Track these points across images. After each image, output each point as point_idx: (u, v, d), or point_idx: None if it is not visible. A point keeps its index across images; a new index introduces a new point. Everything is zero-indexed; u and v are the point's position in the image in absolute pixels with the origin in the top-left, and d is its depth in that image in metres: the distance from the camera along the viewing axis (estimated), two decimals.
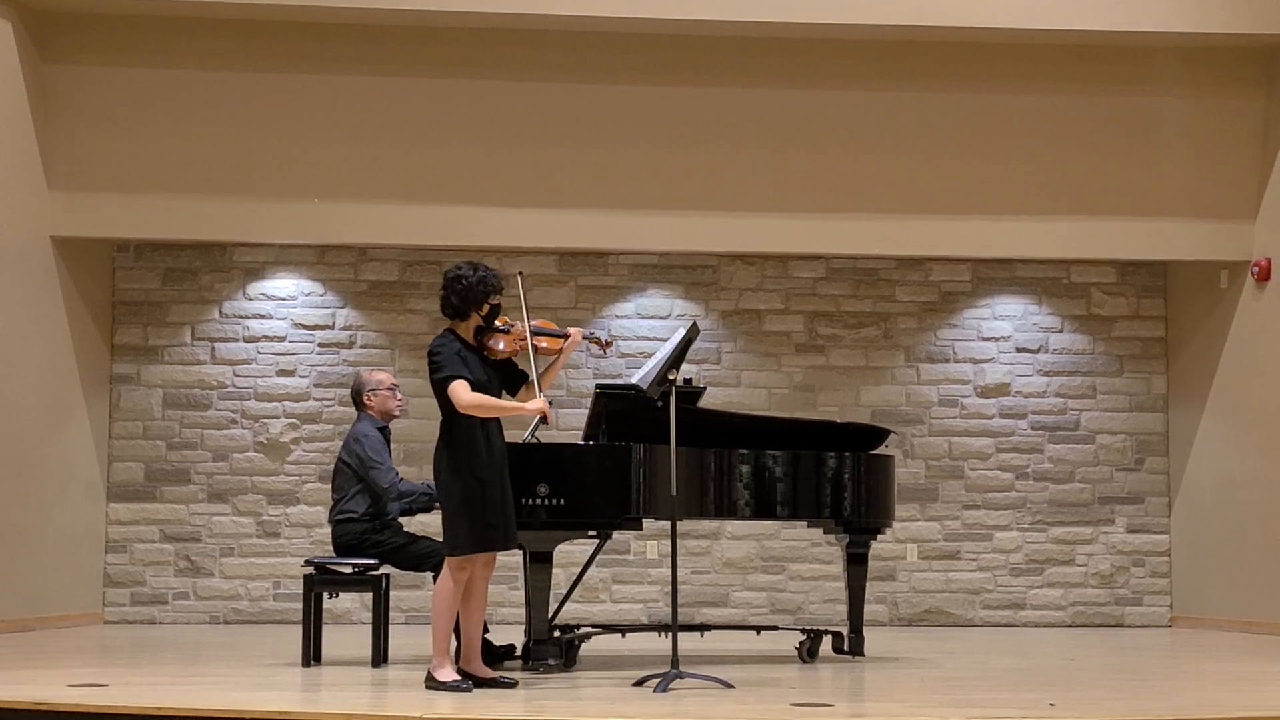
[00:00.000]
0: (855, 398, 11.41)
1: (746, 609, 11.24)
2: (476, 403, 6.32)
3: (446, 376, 6.34)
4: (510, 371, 6.68)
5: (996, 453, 11.48)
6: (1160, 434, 11.58)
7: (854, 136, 10.62)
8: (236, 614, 11.03)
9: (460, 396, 6.30)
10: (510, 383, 6.67)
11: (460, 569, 6.39)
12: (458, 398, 6.30)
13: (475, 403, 6.32)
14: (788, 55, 10.50)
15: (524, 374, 6.69)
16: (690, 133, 10.54)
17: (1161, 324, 11.65)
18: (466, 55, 10.41)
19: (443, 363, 6.37)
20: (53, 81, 10.21)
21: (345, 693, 6.28)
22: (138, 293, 11.19)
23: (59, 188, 10.25)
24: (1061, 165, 10.69)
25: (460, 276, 6.47)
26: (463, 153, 10.44)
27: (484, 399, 6.35)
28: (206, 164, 10.32)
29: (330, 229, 10.52)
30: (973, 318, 11.56)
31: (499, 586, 10.86)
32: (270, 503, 11.11)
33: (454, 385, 6.31)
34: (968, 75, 10.61)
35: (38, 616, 10.00)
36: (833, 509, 7.84)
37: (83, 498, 10.73)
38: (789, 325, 11.46)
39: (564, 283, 11.35)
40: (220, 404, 11.17)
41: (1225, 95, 10.70)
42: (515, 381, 6.69)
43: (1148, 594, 11.46)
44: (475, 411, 6.33)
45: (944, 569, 11.37)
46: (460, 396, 6.30)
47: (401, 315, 11.21)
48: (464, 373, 6.34)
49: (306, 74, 10.36)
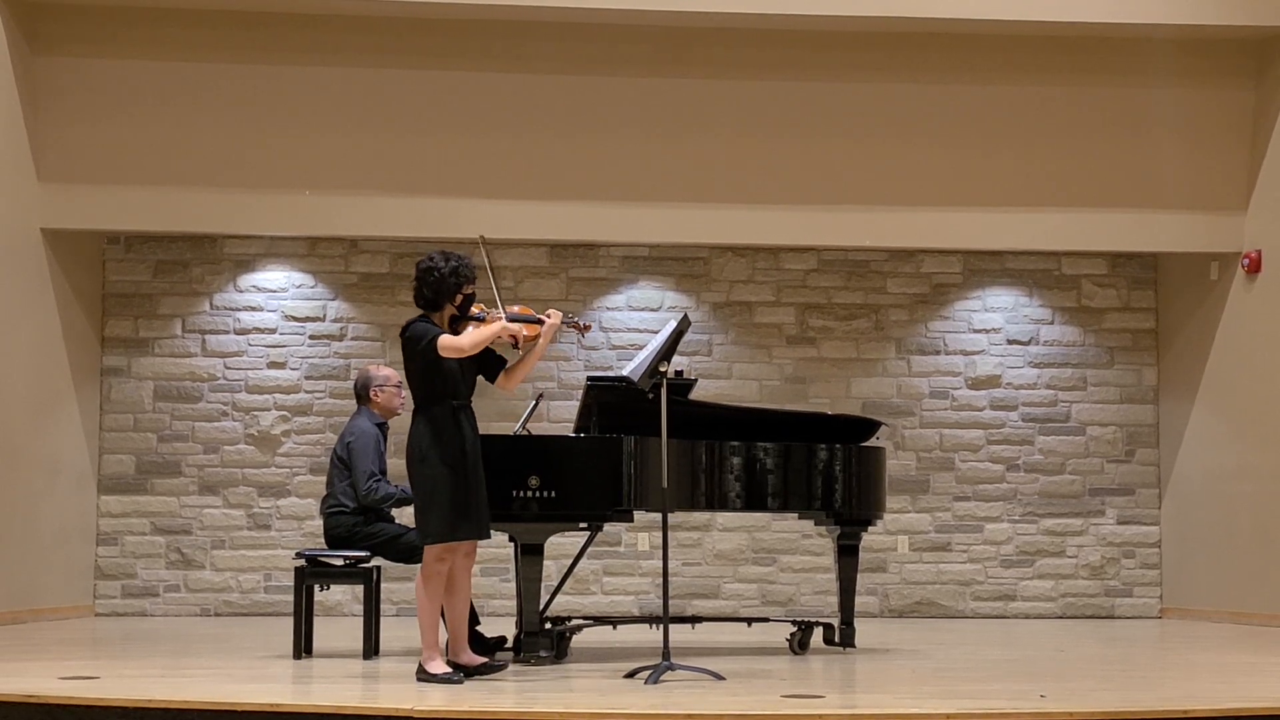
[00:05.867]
0: (846, 389, 11.42)
1: (737, 601, 11.25)
2: (467, 342, 6.29)
3: (430, 339, 6.28)
4: (488, 359, 6.62)
5: (987, 444, 11.50)
6: (1151, 426, 11.60)
7: (845, 128, 10.62)
8: (227, 606, 11.02)
9: (448, 343, 6.25)
10: (487, 370, 6.61)
11: (440, 560, 6.37)
12: (448, 344, 6.25)
13: (465, 343, 6.29)
14: (778, 47, 10.50)
15: (501, 360, 6.63)
16: (681, 124, 10.53)
17: (1152, 316, 11.67)
18: (457, 47, 10.39)
19: (419, 334, 6.32)
20: (42, 73, 10.18)
21: (336, 685, 6.27)
22: (128, 285, 11.17)
23: (49, 180, 10.23)
24: (1052, 157, 10.70)
25: (433, 268, 6.41)
26: (453, 145, 10.43)
27: (468, 338, 6.31)
28: (197, 156, 10.30)
29: (321, 221, 10.51)
30: (963, 309, 11.58)
31: (490, 579, 10.87)
32: (261, 495, 11.11)
33: (441, 339, 6.27)
34: (958, 67, 10.61)
35: (28, 609, 9.99)
36: (824, 501, 7.85)
37: (73, 490, 10.72)
38: (780, 317, 11.46)
39: (555, 274, 11.35)
40: (211, 396, 11.16)
41: (1216, 87, 10.71)
42: (493, 369, 6.62)
43: (1138, 585, 11.49)
44: (465, 351, 6.28)
45: (935, 561, 11.39)
46: (448, 343, 6.25)
47: (392, 307, 11.19)
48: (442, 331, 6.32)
49: (297, 66, 10.34)
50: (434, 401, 6.34)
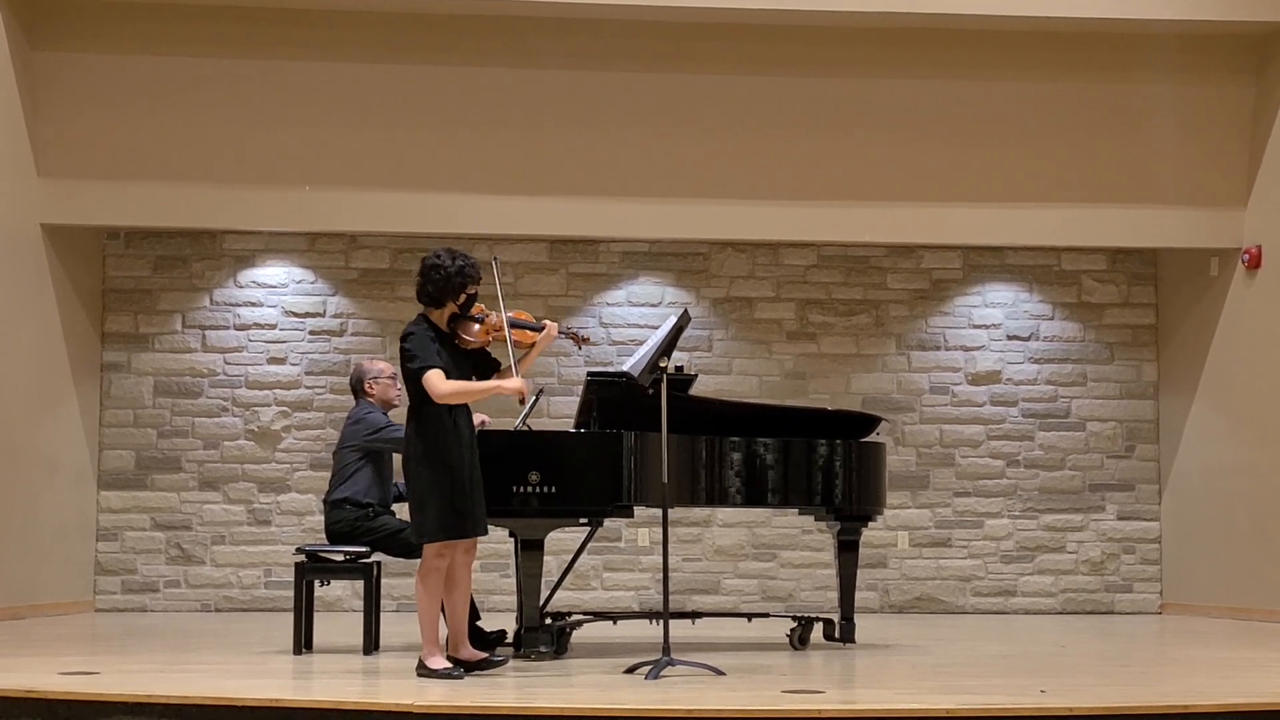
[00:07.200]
0: (846, 385, 11.42)
1: (738, 596, 11.25)
2: (453, 390, 6.26)
3: (420, 367, 6.28)
4: (482, 360, 6.63)
5: (987, 440, 11.50)
6: (1150, 421, 11.60)
7: (845, 124, 10.62)
8: (228, 602, 11.03)
9: (436, 386, 6.25)
10: (481, 371, 6.62)
11: (439, 556, 6.37)
12: (434, 388, 6.24)
13: (451, 390, 6.26)
14: (777, 42, 10.49)
15: (495, 363, 6.64)
16: (682, 120, 10.53)
17: (1152, 311, 11.67)
18: (457, 42, 10.39)
19: (415, 352, 6.31)
20: (42, 68, 10.18)
21: (337, 681, 6.27)
22: (128, 280, 11.17)
23: (49, 175, 10.23)
24: (1052, 152, 10.70)
25: (439, 265, 6.41)
26: (454, 140, 10.43)
27: (459, 386, 6.29)
28: (197, 151, 10.30)
29: (321, 216, 10.50)
30: (964, 305, 11.58)
31: (490, 574, 10.87)
32: (261, 490, 11.11)
33: (428, 375, 6.26)
34: (959, 62, 10.60)
35: (29, 604, 9.99)
36: (824, 496, 7.85)
37: (73, 486, 10.72)
38: (780, 313, 11.46)
39: (555, 270, 11.34)
40: (211, 392, 11.16)
41: (1216, 83, 10.71)
42: (486, 370, 6.63)
43: (1138, 581, 11.49)
44: (452, 399, 6.27)
45: (935, 556, 11.39)
46: (436, 386, 6.25)
47: (392, 303, 11.19)
48: (436, 362, 6.30)
49: (297, 61, 10.34)
50: (429, 400, 6.34)
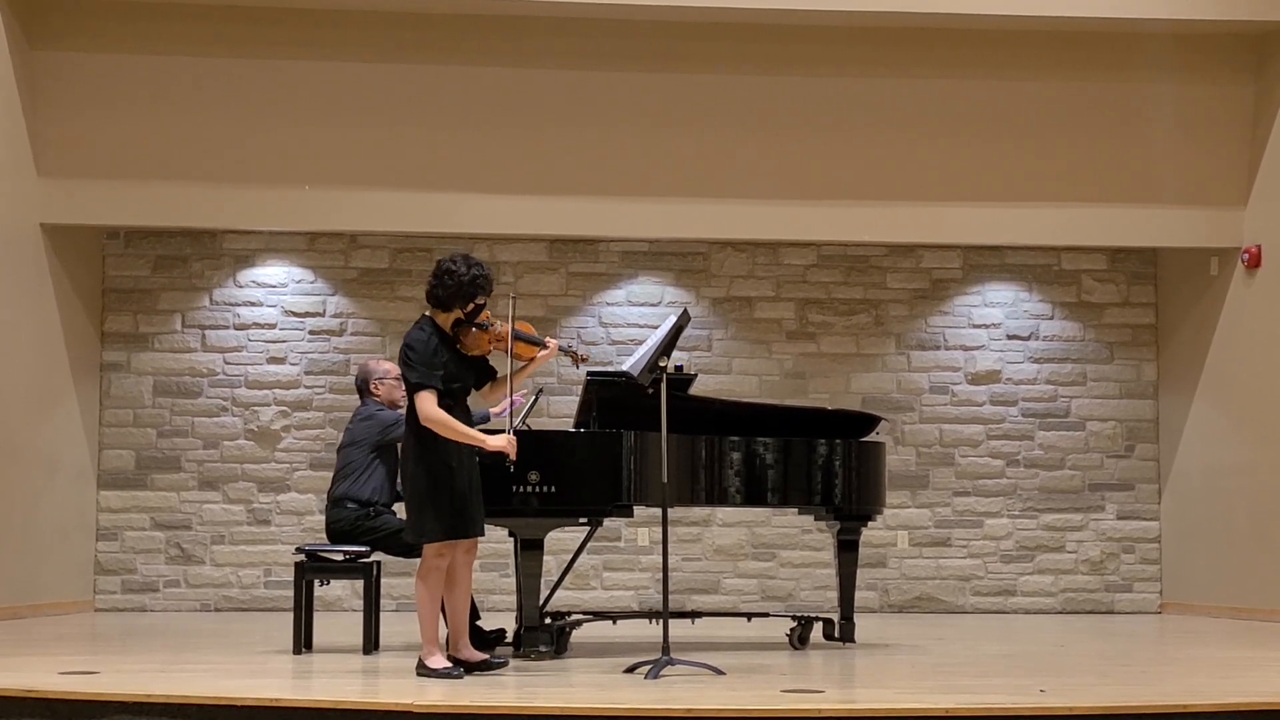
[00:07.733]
0: (846, 385, 11.42)
1: (737, 596, 11.25)
2: (438, 420, 6.24)
3: (417, 383, 6.29)
4: (481, 366, 6.64)
5: (987, 440, 11.50)
6: (1150, 421, 11.60)
7: (845, 123, 10.62)
8: (227, 601, 11.03)
9: (424, 408, 6.24)
10: (480, 377, 6.64)
11: (440, 555, 6.37)
12: (422, 409, 6.25)
13: (437, 420, 6.24)
14: (776, 42, 10.49)
15: (493, 371, 6.66)
16: (681, 119, 10.53)
17: (1152, 311, 11.67)
18: (456, 42, 10.39)
19: (416, 365, 6.31)
20: (41, 68, 10.18)
21: (336, 680, 6.28)
22: (128, 280, 11.17)
23: (48, 175, 10.23)
24: (1052, 152, 10.70)
25: (453, 270, 6.41)
26: (453, 139, 10.42)
27: (445, 420, 6.25)
28: (196, 151, 10.30)
29: (321, 216, 10.50)
30: (963, 304, 11.57)
31: (490, 574, 10.87)
32: (261, 490, 11.11)
33: (420, 395, 6.27)
34: (958, 62, 10.61)
35: (28, 604, 9.99)
36: (823, 496, 7.85)
37: (73, 485, 10.72)
38: (780, 312, 11.46)
39: (554, 270, 11.34)
40: (211, 391, 11.16)
41: (1215, 82, 10.71)
42: (485, 377, 6.65)
43: (1138, 580, 11.49)
44: (434, 427, 6.25)
45: (935, 556, 11.39)
46: (424, 408, 6.24)
47: (392, 302, 11.19)
48: (434, 381, 6.29)
49: (297, 60, 10.34)
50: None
